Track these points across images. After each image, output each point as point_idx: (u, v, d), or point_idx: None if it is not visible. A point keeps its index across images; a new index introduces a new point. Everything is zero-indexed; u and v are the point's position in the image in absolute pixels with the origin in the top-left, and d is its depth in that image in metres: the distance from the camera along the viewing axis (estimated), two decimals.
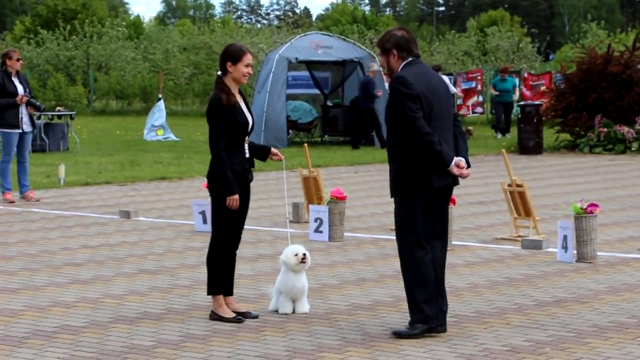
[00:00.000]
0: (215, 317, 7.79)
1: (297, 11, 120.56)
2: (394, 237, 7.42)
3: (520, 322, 7.67)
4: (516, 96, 29.18)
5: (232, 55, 7.77)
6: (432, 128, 7.13)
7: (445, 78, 28.17)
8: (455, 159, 7.21)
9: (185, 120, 37.28)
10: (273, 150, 8.05)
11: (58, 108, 28.99)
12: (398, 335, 7.22)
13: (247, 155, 7.85)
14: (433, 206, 7.23)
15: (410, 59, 7.29)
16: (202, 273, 8.08)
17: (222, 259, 7.84)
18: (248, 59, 7.77)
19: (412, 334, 7.17)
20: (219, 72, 7.82)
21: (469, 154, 7.40)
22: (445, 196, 7.36)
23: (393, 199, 7.34)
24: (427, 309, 7.17)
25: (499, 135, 27.90)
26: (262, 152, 8.02)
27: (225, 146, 7.67)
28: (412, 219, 7.18)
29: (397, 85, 7.16)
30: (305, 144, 13.79)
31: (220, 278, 7.82)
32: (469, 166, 7.37)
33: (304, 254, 7.87)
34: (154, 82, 42.14)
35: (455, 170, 7.22)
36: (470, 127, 28.41)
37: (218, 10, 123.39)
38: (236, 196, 7.68)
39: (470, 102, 33.63)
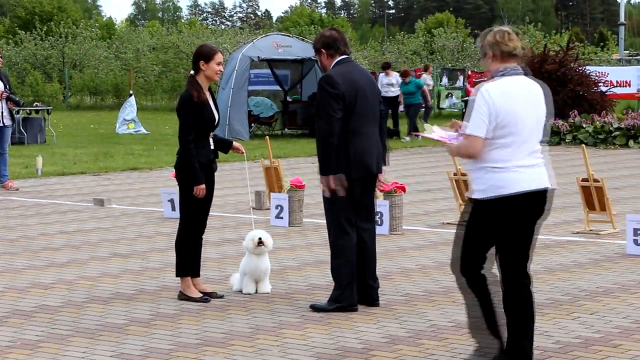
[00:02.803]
0: (183, 297, 7.76)
1: (259, 13, 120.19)
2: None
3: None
4: (429, 99, 26.76)
5: (204, 54, 7.73)
6: (357, 123, 7.26)
7: (397, 75, 27.38)
8: (340, 177, 7.20)
9: (155, 114, 37.05)
10: (235, 144, 8.04)
11: (36, 103, 28.70)
12: (314, 308, 7.35)
13: (212, 148, 7.84)
14: (356, 194, 7.33)
15: (340, 57, 7.41)
16: (171, 256, 8.04)
17: (190, 243, 7.81)
18: (219, 57, 7.75)
19: (327, 308, 7.29)
20: (192, 72, 7.79)
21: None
22: (370, 186, 7.45)
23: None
24: (345, 289, 7.28)
25: (406, 139, 24.81)
26: (224, 145, 8.01)
27: (192, 139, 7.65)
28: (336, 205, 7.31)
29: (324, 84, 7.29)
30: (267, 137, 13.76)
31: (188, 261, 7.80)
32: (384, 164, 7.48)
33: (259, 238, 7.87)
34: (125, 79, 41.83)
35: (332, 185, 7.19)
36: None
37: (185, 12, 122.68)
38: (202, 185, 7.66)
39: None
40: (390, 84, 26.20)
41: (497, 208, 5.72)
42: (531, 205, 5.77)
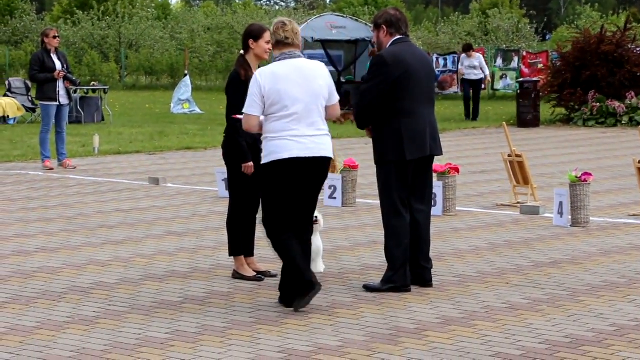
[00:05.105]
0: (237, 276, 7.80)
1: None
2: None
3: (519, 281, 7.65)
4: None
5: (254, 33, 7.73)
6: (409, 103, 7.21)
7: (480, 57, 26.72)
8: None
9: (209, 94, 37.21)
10: None
11: (93, 83, 28.96)
12: (367, 288, 7.32)
13: None
14: (410, 176, 7.29)
15: (398, 36, 7.35)
16: (225, 235, 8.08)
17: (241, 222, 7.83)
18: (268, 36, 7.71)
19: (380, 289, 7.26)
20: (242, 51, 7.78)
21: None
22: (425, 167, 7.39)
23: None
24: (398, 270, 7.25)
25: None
26: None
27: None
28: (390, 187, 7.29)
29: (375, 63, 7.26)
30: None
31: (240, 240, 7.82)
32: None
33: (315, 217, 7.84)
34: (180, 59, 42.04)
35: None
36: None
37: None
38: (250, 163, 7.66)
39: None
40: (472, 66, 24.85)
41: (274, 170, 6.69)
42: (307, 170, 6.67)
